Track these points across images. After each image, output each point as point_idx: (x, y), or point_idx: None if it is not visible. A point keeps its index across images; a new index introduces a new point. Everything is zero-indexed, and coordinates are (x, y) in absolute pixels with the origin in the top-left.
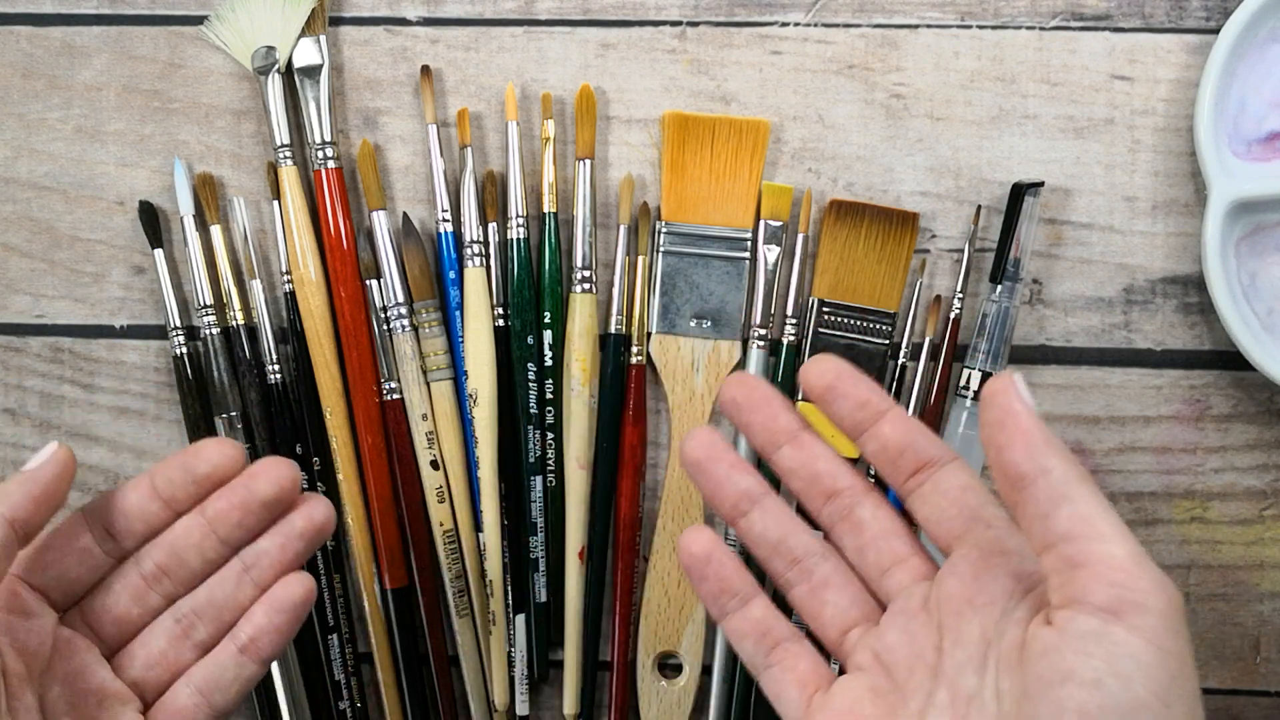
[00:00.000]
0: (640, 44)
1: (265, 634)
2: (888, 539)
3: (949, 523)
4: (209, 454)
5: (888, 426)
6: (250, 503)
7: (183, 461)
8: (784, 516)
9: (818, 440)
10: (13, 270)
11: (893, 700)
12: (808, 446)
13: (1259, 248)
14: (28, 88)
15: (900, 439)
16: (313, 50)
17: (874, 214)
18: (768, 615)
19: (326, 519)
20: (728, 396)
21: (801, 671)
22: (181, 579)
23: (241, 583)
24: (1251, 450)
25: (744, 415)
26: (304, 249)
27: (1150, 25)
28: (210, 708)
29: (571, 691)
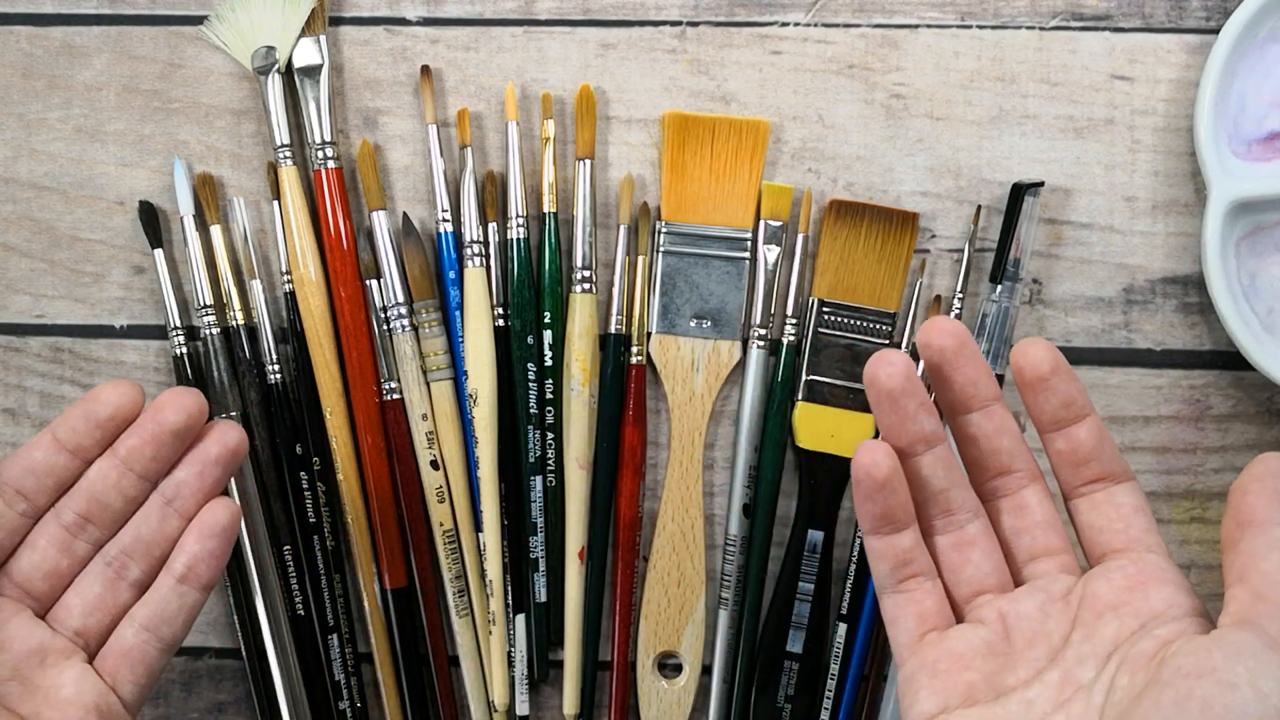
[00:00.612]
0: (640, 44)
1: (200, 561)
2: (1045, 529)
3: (1113, 535)
4: (108, 396)
5: (1084, 431)
6: (161, 435)
7: (83, 409)
8: (953, 467)
9: (1007, 413)
10: (13, 270)
11: (1003, 661)
12: (998, 418)
13: (1259, 248)
14: (28, 88)
15: (1092, 446)
16: (313, 50)
17: (874, 214)
18: (914, 548)
19: (239, 442)
20: (935, 343)
21: (925, 607)
22: (106, 522)
23: (166, 516)
24: (1251, 450)
25: (947, 368)
26: (304, 249)
27: (1150, 25)
28: (160, 641)
29: (571, 691)
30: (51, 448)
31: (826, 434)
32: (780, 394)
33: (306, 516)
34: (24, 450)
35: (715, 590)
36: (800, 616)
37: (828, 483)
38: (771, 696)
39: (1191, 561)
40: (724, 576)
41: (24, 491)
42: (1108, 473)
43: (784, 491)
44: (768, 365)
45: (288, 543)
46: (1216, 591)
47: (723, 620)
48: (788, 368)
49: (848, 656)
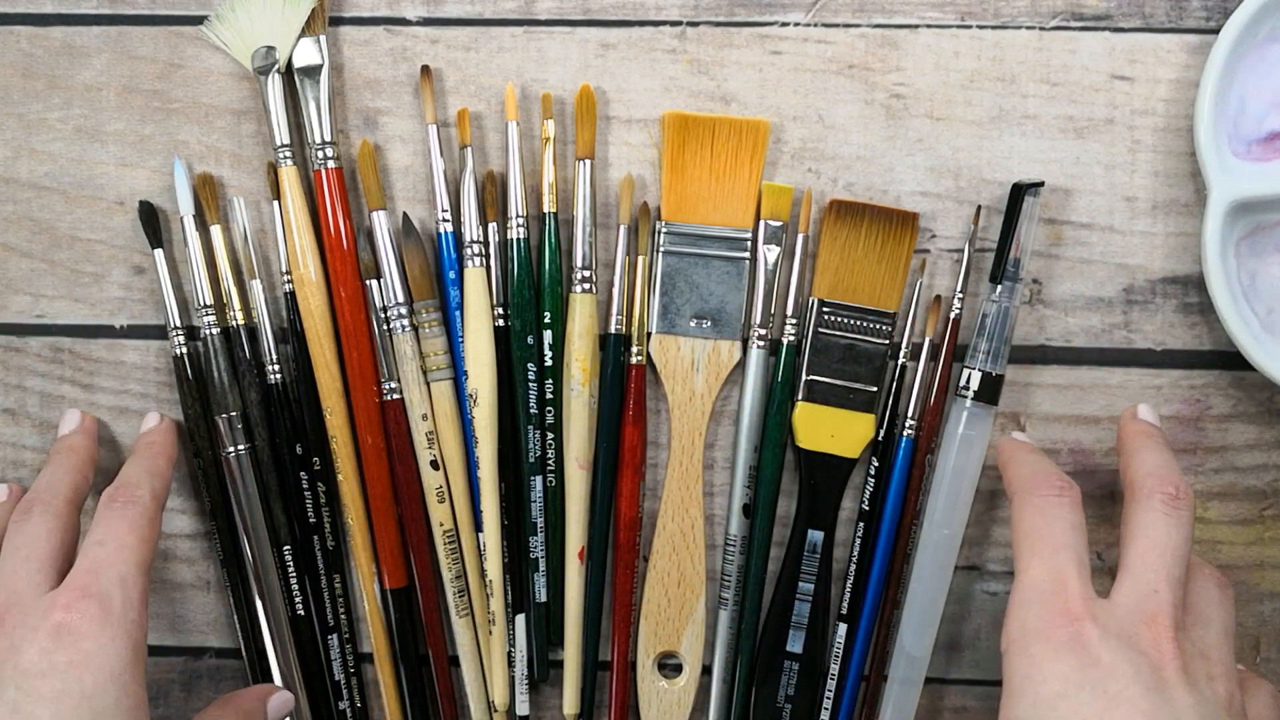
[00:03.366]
0: (640, 44)
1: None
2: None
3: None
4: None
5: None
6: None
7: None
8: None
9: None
10: (13, 270)
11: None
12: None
13: (1259, 248)
14: (28, 88)
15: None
16: (313, 50)
17: (874, 214)
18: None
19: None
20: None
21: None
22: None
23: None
24: (1251, 450)
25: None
26: (304, 249)
27: (1150, 25)
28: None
29: (571, 691)
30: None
31: (826, 434)
32: (780, 394)
33: (306, 516)
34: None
35: (715, 590)
36: (800, 616)
37: (828, 483)
38: (771, 696)
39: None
40: (724, 576)
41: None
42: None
43: (784, 491)
44: (768, 365)
45: (288, 543)
46: None
47: (723, 620)
48: (788, 368)
49: (848, 656)
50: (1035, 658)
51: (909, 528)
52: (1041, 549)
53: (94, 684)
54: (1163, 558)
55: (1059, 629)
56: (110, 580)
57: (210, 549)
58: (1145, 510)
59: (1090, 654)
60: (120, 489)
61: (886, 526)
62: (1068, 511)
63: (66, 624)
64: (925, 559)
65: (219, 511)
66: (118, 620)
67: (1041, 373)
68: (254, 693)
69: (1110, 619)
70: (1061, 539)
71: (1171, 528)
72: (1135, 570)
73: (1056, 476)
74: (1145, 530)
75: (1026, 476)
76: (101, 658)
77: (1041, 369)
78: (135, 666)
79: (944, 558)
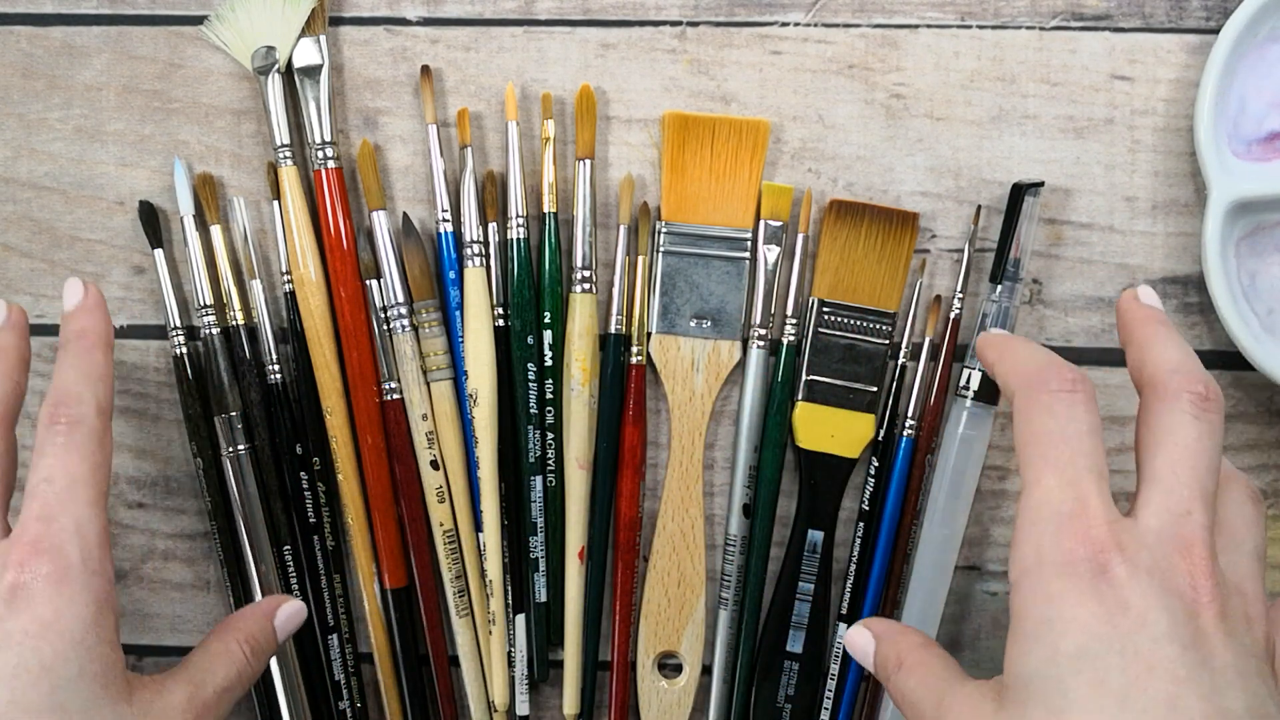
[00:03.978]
0: (640, 44)
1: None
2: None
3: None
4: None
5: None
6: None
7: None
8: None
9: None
10: (13, 270)
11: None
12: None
13: (1259, 248)
14: (28, 88)
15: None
16: (313, 50)
17: (874, 214)
18: None
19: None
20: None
21: None
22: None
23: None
24: (1251, 450)
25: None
26: (304, 249)
27: (1150, 25)
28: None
29: (571, 691)
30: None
31: (826, 434)
32: (780, 394)
33: (306, 516)
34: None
35: (715, 590)
36: (800, 616)
37: (828, 483)
38: (771, 696)
39: None
40: (724, 576)
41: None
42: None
43: (784, 491)
44: (768, 365)
45: (288, 543)
46: None
47: (723, 620)
48: (788, 368)
49: (848, 656)
50: (1055, 598)
51: (909, 528)
52: (1057, 457)
53: (53, 653)
54: (1195, 469)
55: (1082, 561)
56: (64, 529)
57: (210, 549)
58: (1172, 412)
59: (1119, 597)
60: (59, 406)
61: (886, 526)
62: (1083, 411)
63: (20, 585)
64: (925, 559)
65: (219, 511)
66: (77, 574)
67: None
68: (258, 610)
69: (1140, 548)
70: (1079, 445)
71: (1204, 433)
72: (1165, 484)
73: (1067, 368)
74: (1173, 435)
75: (1030, 370)
76: (60, 623)
77: None
78: (100, 624)
79: (944, 558)
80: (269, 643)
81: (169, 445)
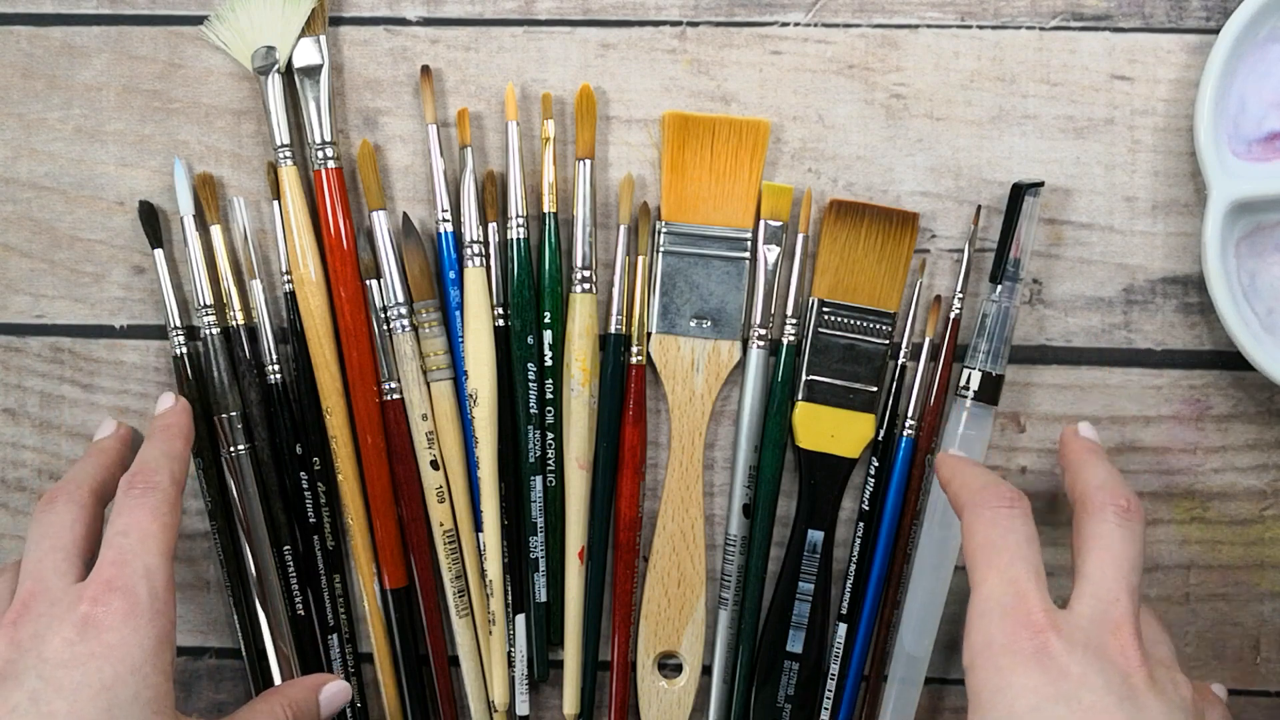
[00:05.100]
0: (640, 44)
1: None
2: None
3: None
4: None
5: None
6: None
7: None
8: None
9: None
10: (13, 270)
11: None
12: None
13: (1259, 248)
14: (28, 88)
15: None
16: (313, 50)
17: (874, 214)
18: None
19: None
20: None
21: None
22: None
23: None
24: (1251, 450)
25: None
26: (304, 249)
27: (1150, 25)
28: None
29: (571, 691)
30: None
31: (826, 434)
32: (780, 394)
33: (306, 516)
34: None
35: (715, 590)
36: (800, 616)
37: (828, 483)
38: (771, 696)
39: (1191, 561)
40: (724, 576)
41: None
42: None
43: (784, 491)
44: (768, 365)
45: (288, 543)
46: (1216, 591)
47: (723, 620)
48: (788, 368)
49: (848, 656)
50: (1004, 670)
51: (909, 528)
52: (997, 561)
53: (114, 675)
54: (1121, 568)
55: (1024, 640)
56: (135, 572)
57: (210, 549)
58: (1099, 522)
59: (1059, 666)
60: (138, 474)
61: (886, 526)
62: (1019, 523)
63: (92, 617)
64: (925, 559)
65: (219, 511)
66: (143, 612)
67: (1041, 373)
68: (305, 683)
69: (1074, 629)
70: (1016, 550)
71: (1127, 539)
72: (1095, 579)
73: (1005, 488)
74: (1101, 541)
75: (975, 489)
76: (123, 649)
77: (1041, 369)
78: (158, 657)
79: (944, 558)
80: (311, 714)
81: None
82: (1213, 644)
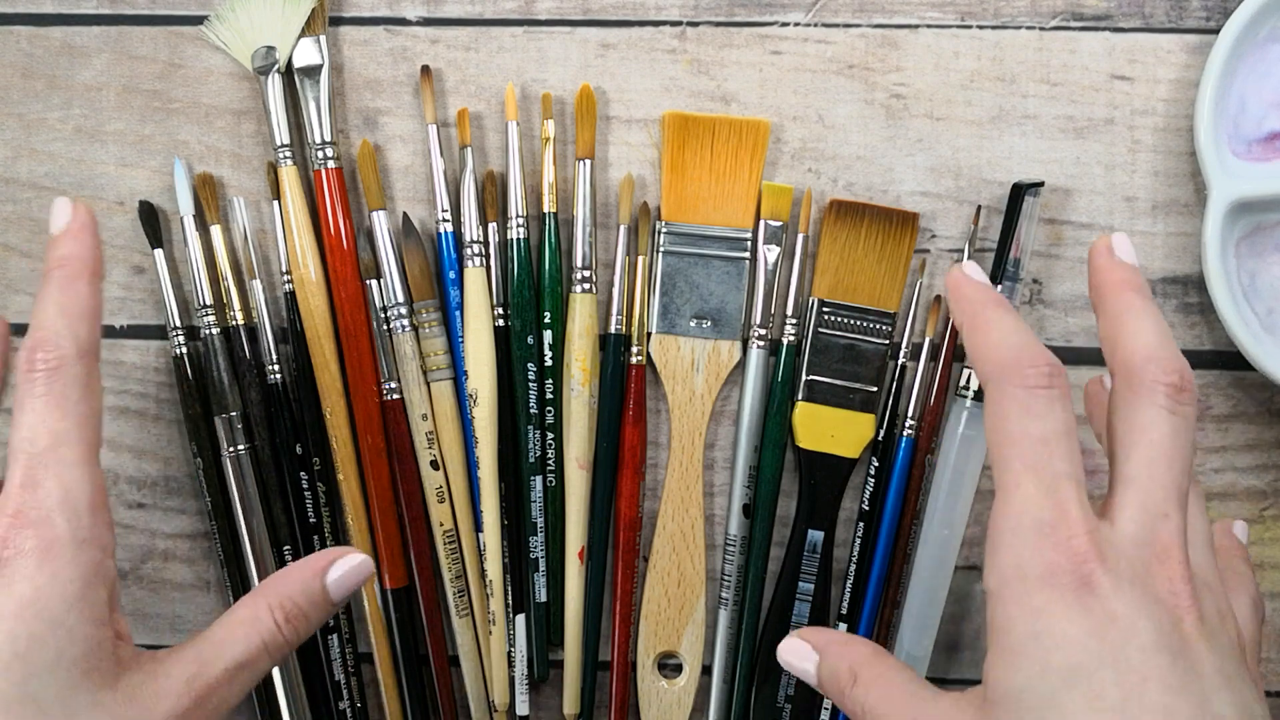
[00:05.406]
0: (640, 44)
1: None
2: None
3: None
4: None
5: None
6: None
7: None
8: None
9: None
10: (13, 270)
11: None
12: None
13: (1259, 248)
14: (28, 88)
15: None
16: (313, 50)
17: (874, 214)
18: None
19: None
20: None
21: None
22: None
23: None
24: (1251, 450)
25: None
26: (304, 248)
27: (1150, 25)
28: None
29: (571, 691)
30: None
31: (826, 434)
32: (780, 394)
33: (306, 516)
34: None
35: (715, 590)
36: (800, 616)
37: (828, 483)
38: (771, 696)
39: None
40: (724, 576)
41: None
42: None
43: (784, 491)
44: (768, 365)
45: (288, 543)
46: None
47: (723, 620)
48: (788, 368)
49: None
50: (1041, 612)
51: (909, 528)
52: (1035, 462)
53: (28, 637)
54: (1171, 469)
55: (1065, 574)
56: (50, 495)
57: (210, 549)
58: (1148, 406)
59: (1105, 609)
60: (36, 350)
61: (886, 526)
62: (1060, 410)
63: (1, 562)
64: (925, 559)
65: (219, 511)
66: (63, 547)
67: None
68: (304, 568)
69: (1120, 556)
70: (1057, 448)
71: (1179, 429)
72: (1142, 486)
73: (1042, 354)
74: (1148, 433)
75: (1005, 357)
76: (40, 602)
77: None
78: (86, 600)
79: (944, 558)
80: (314, 607)
81: (169, 445)
82: None
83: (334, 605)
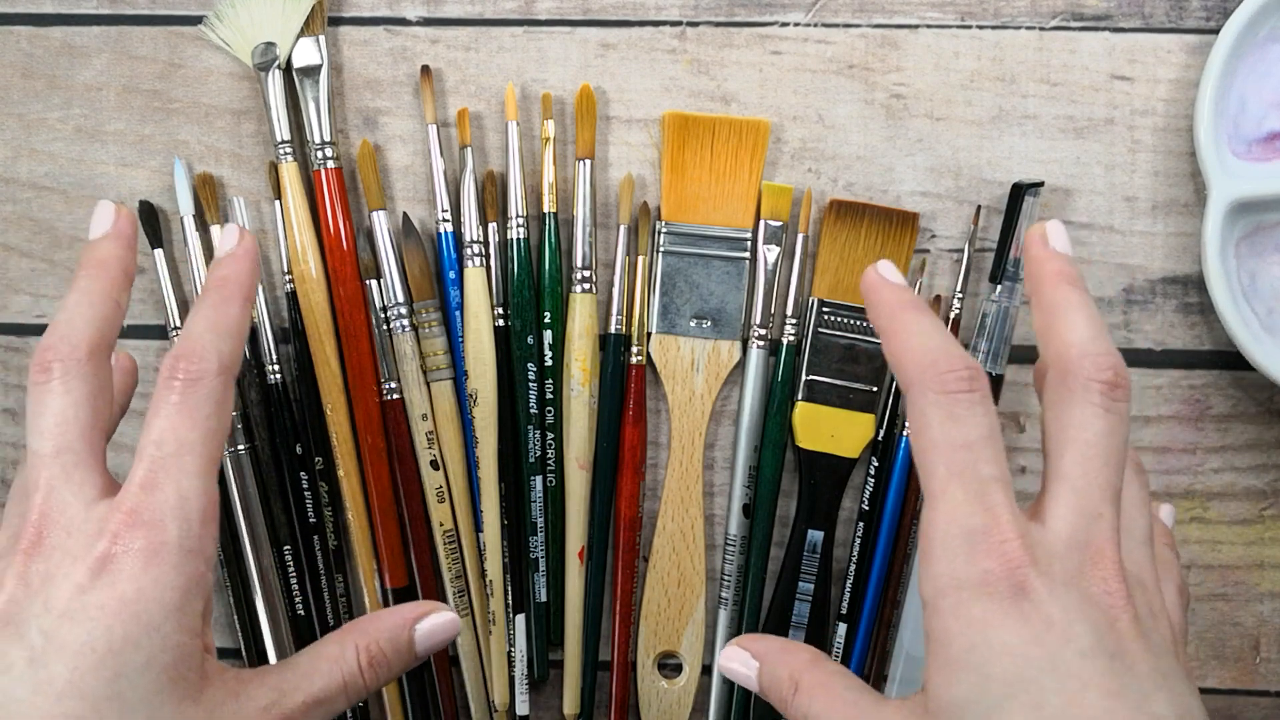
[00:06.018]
0: (640, 44)
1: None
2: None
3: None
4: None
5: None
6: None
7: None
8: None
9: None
10: (13, 270)
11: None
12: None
13: (1259, 248)
14: (28, 88)
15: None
16: (312, 50)
17: (874, 214)
18: None
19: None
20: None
21: None
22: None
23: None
24: (1251, 450)
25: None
26: (305, 245)
27: (1150, 25)
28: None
29: (571, 691)
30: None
31: (826, 434)
32: (780, 394)
33: (306, 516)
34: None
35: (715, 590)
36: (800, 616)
37: (828, 483)
38: None
39: (1191, 561)
40: (724, 576)
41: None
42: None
43: (784, 491)
44: (768, 365)
45: (288, 543)
46: (1216, 591)
47: (723, 620)
48: (788, 368)
49: (848, 656)
50: (978, 623)
51: (909, 528)
52: (961, 468)
53: (124, 636)
54: (1106, 468)
55: (1000, 581)
56: (166, 500)
57: None
58: (1081, 403)
59: (1042, 614)
60: (180, 360)
61: (886, 526)
62: (982, 412)
63: (110, 558)
64: None
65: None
66: (171, 553)
67: None
68: (395, 615)
69: (1053, 559)
70: (983, 452)
71: (1114, 426)
72: (1076, 485)
73: (961, 359)
74: (1083, 431)
75: (924, 361)
76: (140, 604)
77: None
78: (183, 610)
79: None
80: (398, 655)
81: None
82: (1213, 644)
83: (417, 658)
